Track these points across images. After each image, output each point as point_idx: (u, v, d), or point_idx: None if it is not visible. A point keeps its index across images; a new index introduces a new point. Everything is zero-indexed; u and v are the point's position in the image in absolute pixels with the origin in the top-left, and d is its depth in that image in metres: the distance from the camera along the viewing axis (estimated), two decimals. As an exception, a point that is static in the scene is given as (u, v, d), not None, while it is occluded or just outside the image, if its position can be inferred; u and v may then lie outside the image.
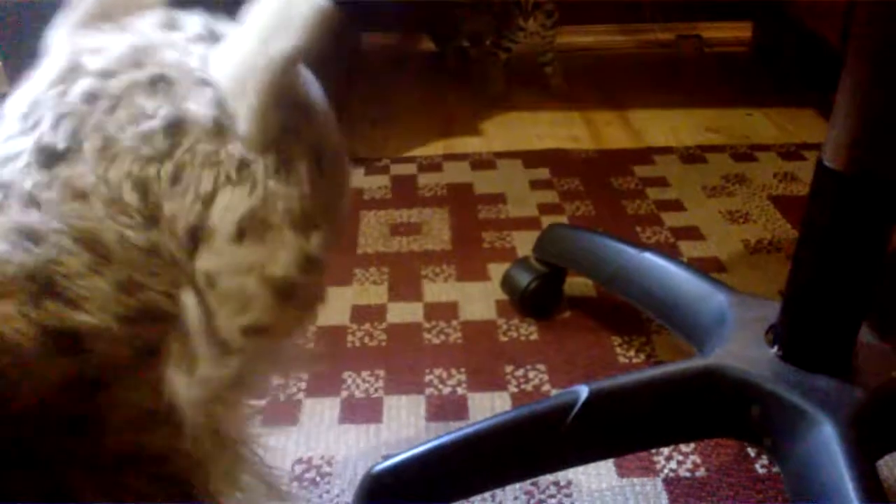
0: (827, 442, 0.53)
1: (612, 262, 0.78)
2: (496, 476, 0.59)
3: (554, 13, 1.47)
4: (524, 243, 1.03)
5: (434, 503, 0.56)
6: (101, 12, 0.48)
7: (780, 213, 1.11)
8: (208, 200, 0.41)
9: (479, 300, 0.95)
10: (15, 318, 0.37)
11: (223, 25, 0.46)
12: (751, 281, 0.96)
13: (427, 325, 0.91)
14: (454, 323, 0.91)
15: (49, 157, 0.41)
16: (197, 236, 0.41)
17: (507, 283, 0.92)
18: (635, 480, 0.69)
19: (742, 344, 0.61)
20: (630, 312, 0.89)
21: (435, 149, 1.36)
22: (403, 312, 0.93)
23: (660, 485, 0.69)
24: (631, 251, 0.77)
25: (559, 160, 1.30)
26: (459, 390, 0.81)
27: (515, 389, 0.81)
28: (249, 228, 0.42)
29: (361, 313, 0.93)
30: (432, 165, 1.30)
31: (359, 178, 1.26)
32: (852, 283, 0.55)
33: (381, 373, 0.83)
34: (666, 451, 0.72)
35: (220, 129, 0.41)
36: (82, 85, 0.42)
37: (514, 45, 1.51)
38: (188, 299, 0.41)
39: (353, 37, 1.72)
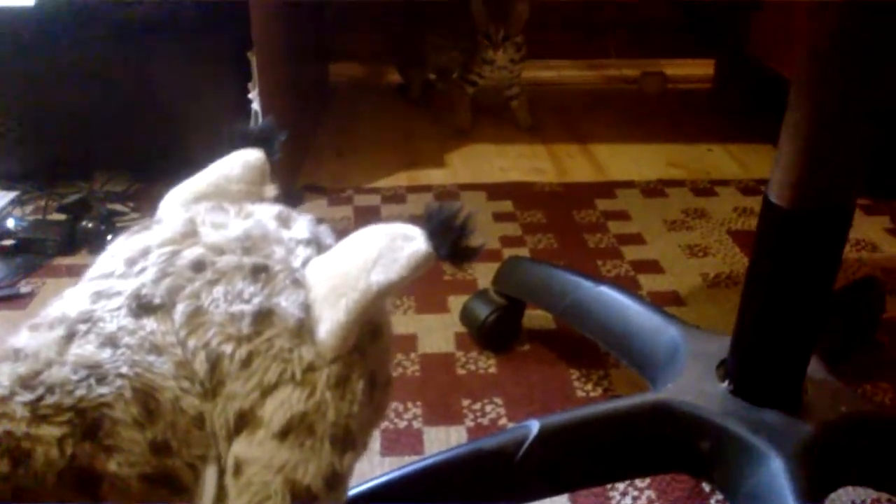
0: (775, 477, 0.52)
1: (568, 294, 0.78)
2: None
3: (522, 47, 1.49)
4: (485, 276, 1.03)
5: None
6: (214, 192, 0.53)
7: (739, 248, 1.12)
8: (267, 392, 0.43)
9: (438, 332, 0.94)
10: (52, 445, 0.38)
11: (326, 235, 0.51)
12: (709, 314, 0.97)
13: (385, 358, 0.90)
14: (412, 356, 0.90)
15: (142, 308, 0.43)
16: (244, 421, 0.42)
17: (465, 315, 0.92)
18: (590, 516, 0.69)
19: (693, 378, 0.61)
20: (588, 346, 0.89)
21: (399, 180, 1.36)
22: (361, 344, 0.92)
23: (615, 521, 0.68)
24: (587, 284, 0.77)
25: (523, 193, 1.30)
26: (415, 424, 0.80)
27: (472, 423, 0.80)
28: (295, 430, 0.43)
29: (319, 345, 0.92)
30: (396, 197, 1.30)
31: (322, 208, 1.25)
32: (799, 318, 0.56)
33: (337, 406, 0.82)
34: (621, 486, 0.71)
35: (300, 330, 0.44)
36: (194, 252, 0.45)
37: (481, 80, 1.52)
38: (209, 477, 0.42)
39: (321, 67, 1.73)
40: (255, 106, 1.16)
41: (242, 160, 0.56)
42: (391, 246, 0.45)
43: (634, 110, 1.70)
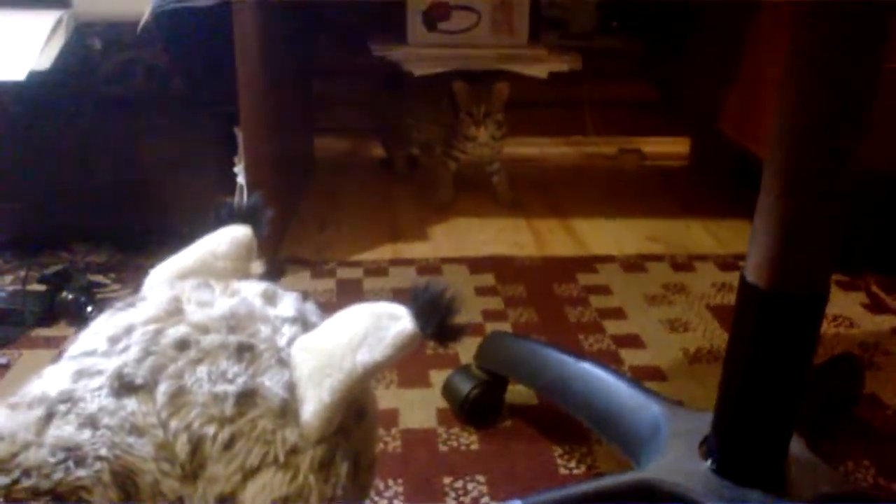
0: (761, 560, 0.52)
1: (550, 370, 0.78)
2: None
3: (503, 124, 1.53)
4: (467, 350, 1.02)
5: None
6: (201, 268, 0.52)
7: (718, 322, 1.14)
8: (249, 475, 0.42)
9: (420, 408, 0.94)
10: None
11: (312, 312, 0.50)
12: (690, 390, 0.97)
13: (366, 434, 0.88)
14: (393, 431, 0.89)
15: (123, 387, 0.42)
16: None
17: (447, 390, 0.92)
18: None
19: (676, 457, 0.60)
20: (571, 421, 0.88)
21: (382, 253, 1.36)
22: (342, 420, 0.91)
23: None
24: (569, 360, 0.78)
25: (504, 266, 1.31)
26: (396, 502, 0.79)
27: (454, 502, 0.79)
28: None
29: (299, 420, 0.91)
30: (379, 270, 1.30)
31: (305, 280, 1.25)
32: (779, 397, 0.56)
33: (316, 484, 0.80)
34: (605, 567, 0.70)
35: (284, 411, 0.43)
36: (178, 331, 0.45)
37: (463, 155, 1.55)
38: None
39: (306, 141, 1.76)
40: (241, 180, 1.18)
41: (230, 236, 0.56)
42: (377, 325, 0.45)
43: (613, 186, 1.73)
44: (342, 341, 0.45)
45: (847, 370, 0.87)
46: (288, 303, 0.50)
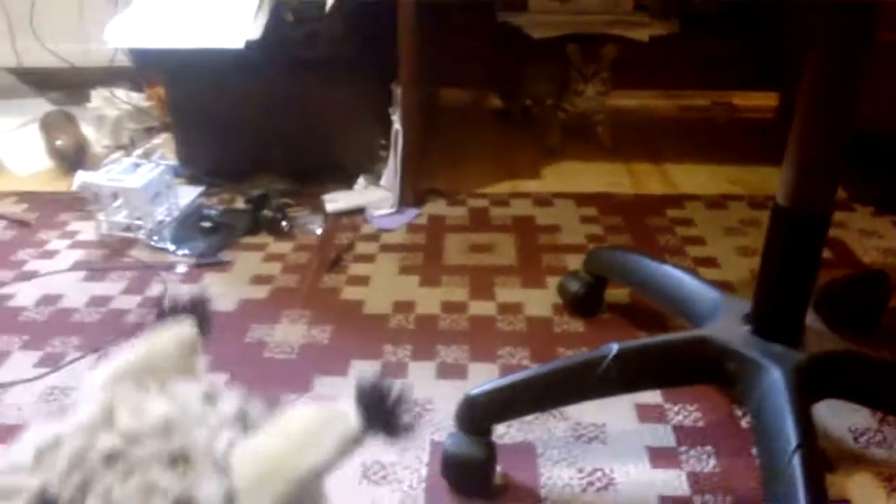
0: (776, 384, 0.79)
1: (640, 271, 1.07)
2: (553, 400, 0.87)
3: (608, 81, 1.78)
4: (574, 264, 1.31)
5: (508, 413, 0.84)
6: (141, 369, 0.51)
7: (783, 250, 1.38)
8: None
9: (539, 302, 1.23)
10: None
11: (256, 409, 0.49)
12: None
13: (499, 318, 1.19)
14: (519, 317, 1.20)
15: None
16: None
17: (561, 289, 1.21)
18: (651, 425, 0.96)
19: (726, 324, 0.88)
20: (654, 315, 1.17)
21: (503, 188, 1.66)
22: (481, 308, 1.22)
23: (669, 429, 0.96)
24: (654, 263, 1.06)
25: (605, 201, 1.59)
26: (524, 362, 1.09)
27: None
28: None
29: (449, 307, 1.22)
30: (501, 201, 1.60)
31: (442, 207, 1.56)
32: (795, 284, 0.83)
33: (466, 348, 1.12)
34: (675, 406, 0.99)
35: None
36: (107, 442, 0.43)
37: (571, 108, 1.81)
38: None
39: (434, 92, 2.05)
40: (397, 125, 1.48)
41: (172, 334, 0.55)
42: (318, 428, 0.44)
43: (704, 135, 1.96)
44: (282, 447, 0.43)
45: (874, 281, 1.12)
46: (230, 402, 0.48)
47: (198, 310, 0.57)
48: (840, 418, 0.96)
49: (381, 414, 0.46)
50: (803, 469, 0.70)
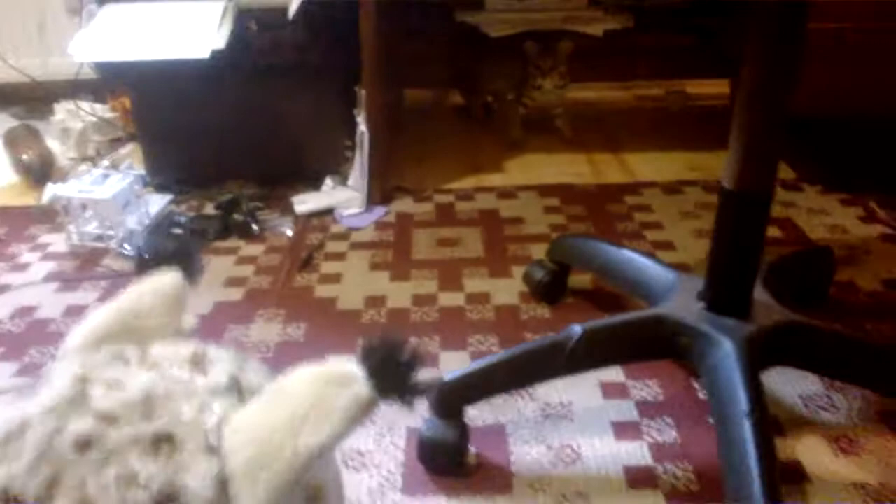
0: (728, 355, 0.84)
1: (601, 256, 1.12)
2: (522, 381, 0.92)
3: (566, 75, 1.83)
4: (539, 253, 1.36)
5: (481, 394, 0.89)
6: (121, 330, 0.45)
7: (737, 231, 1.44)
8: None
9: (506, 291, 1.28)
10: None
11: (253, 373, 0.43)
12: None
13: (468, 308, 1.24)
14: (488, 306, 1.24)
15: None
16: None
17: (526, 277, 1.26)
18: (615, 402, 1.02)
19: (681, 302, 0.93)
20: (615, 299, 1.22)
21: (467, 183, 1.70)
22: (450, 299, 1.26)
23: (632, 405, 1.01)
24: (614, 249, 1.11)
25: (567, 192, 1.64)
26: (493, 349, 1.14)
27: (533, 348, 1.13)
28: None
29: (419, 299, 1.26)
30: (466, 196, 1.64)
31: (409, 204, 1.60)
32: (743, 261, 0.88)
33: (437, 338, 1.16)
34: (637, 383, 1.04)
35: None
36: (80, 426, 0.38)
37: (531, 102, 1.86)
38: None
39: (397, 93, 2.09)
40: (362, 127, 1.52)
41: (154, 289, 0.49)
42: (323, 396, 0.39)
43: (660, 124, 2.02)
44: (282, 421, 0.38)
45: (819, 257, 1.18)
46: (221, 367, 0.43)
47: (183, 258, 0.51)
48: (790, 386, 1.02)
49: (393, 375, 0.40)
50: (754, 432, 0.76)
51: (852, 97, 1.47)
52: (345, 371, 0.41)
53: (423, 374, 0.41)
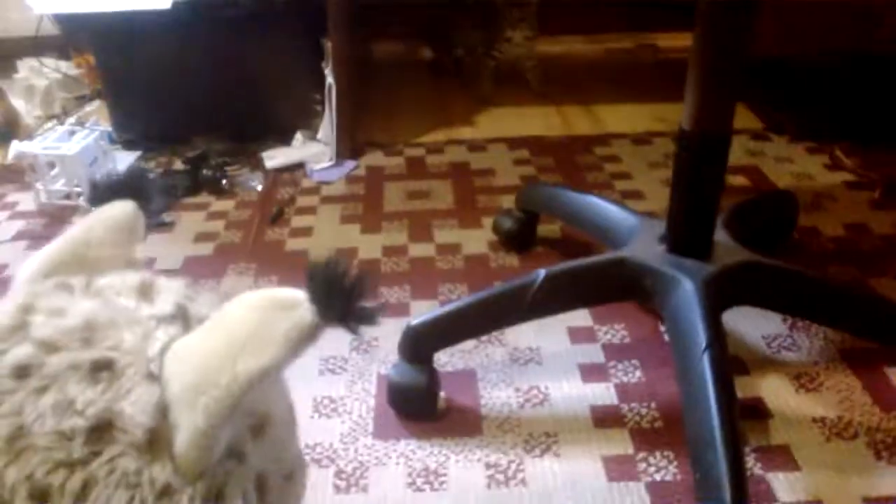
0: (689, 295, 0.86)
1: (568, 204, 1.13)
2: (489, 325, 0.94)
3: (535, 27, 1.82)
4: (509, 204, 1.37)
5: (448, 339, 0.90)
6: (73, 260, 0.44)
7: (704, 180, 1.46)
8: None
9: (476, 242, 1.29)
10: None
11: (203, 304, 0.42)
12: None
13: (438, 258, 1.25)
14: (458, 256, 1.25)
15: None
16: None
17: (496, 226, 1.27)
18: (582, 345, 1.04)
19: (643, 244, 0.95)
20: (583, 246, 1.23)
21: (438, 136, 1.70)
22: (420, 250, 1.27)
23: (599, 348, 1.03)
24: (580, 195, 1.12)
25: (536, 144, 1.64)
26: (463, 296, 1.15)
27: (502, 296, 1.15)
28: None
29: (390, 251, 1.27)
30: (437, 149, 1.64)
31: (380, 158, 1.60)
32: (703, 202, 0.90)
33: (408, 287, 1.17)
34: (604, 327, 1.06)
35: (151, 443, 0.36)
36: (19, 353, 0.38)
37: (501, 55, 1.85)
38: None
39: (366, 46, 2.07)
40: (329, 79, 1.51)
41: (105, 218, 0.49)
42: (264, 321, 0.38)
43: (629, 77, 2.03)
44: (222, 346, 0.37)
45: (780, 200, 1.20)
46: (168, 297, 0.42)
47: (137, 188, 0.50)
48: (754, 326, 1.05)
49: (339, 300, 0.39)
50: (712, 366, 0.78)
51: (819, 35, 1.48)
52: (288, 296, 0.40)
53: (370, 302, 0.40)
